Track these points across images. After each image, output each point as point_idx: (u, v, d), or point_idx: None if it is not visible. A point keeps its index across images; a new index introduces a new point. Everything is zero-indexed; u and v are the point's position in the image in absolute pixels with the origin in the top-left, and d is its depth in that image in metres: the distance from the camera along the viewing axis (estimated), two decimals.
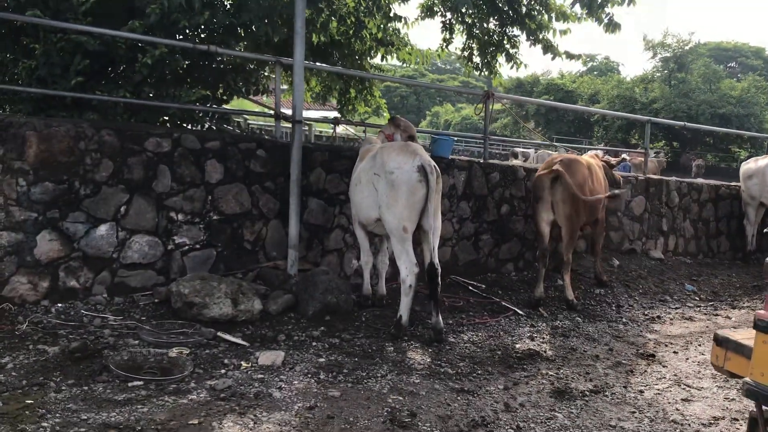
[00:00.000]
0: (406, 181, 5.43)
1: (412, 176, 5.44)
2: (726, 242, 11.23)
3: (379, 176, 5.60)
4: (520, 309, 7.01)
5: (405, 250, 5.55)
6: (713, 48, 63.13)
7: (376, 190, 5.65)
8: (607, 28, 8.09)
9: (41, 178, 5.49)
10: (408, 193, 5.44)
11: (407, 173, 5.45)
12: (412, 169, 5.45)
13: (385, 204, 5.54)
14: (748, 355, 2.73)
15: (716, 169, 33.47)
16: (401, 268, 5.59)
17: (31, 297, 5.47)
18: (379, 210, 5.65)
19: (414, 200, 5.47)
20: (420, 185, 5.45)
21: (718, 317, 7.64)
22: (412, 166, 5.46)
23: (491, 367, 5.21)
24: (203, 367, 4.64)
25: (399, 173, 5.46)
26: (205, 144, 6.34)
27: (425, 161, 5.52)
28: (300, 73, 6.54)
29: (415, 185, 5.44)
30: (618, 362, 5.62)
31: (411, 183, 5.43)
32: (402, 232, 5.51)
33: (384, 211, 5.57)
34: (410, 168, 5.46)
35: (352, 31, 9.44)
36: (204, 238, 6.35)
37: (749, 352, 2.72)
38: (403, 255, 5.56)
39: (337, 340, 5.48)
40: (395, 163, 5.52)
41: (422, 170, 5.45)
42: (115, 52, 6.70)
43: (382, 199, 5.56)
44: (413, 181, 5.44)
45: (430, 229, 5.60)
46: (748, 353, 2.73)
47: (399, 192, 5.45)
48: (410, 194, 5.45)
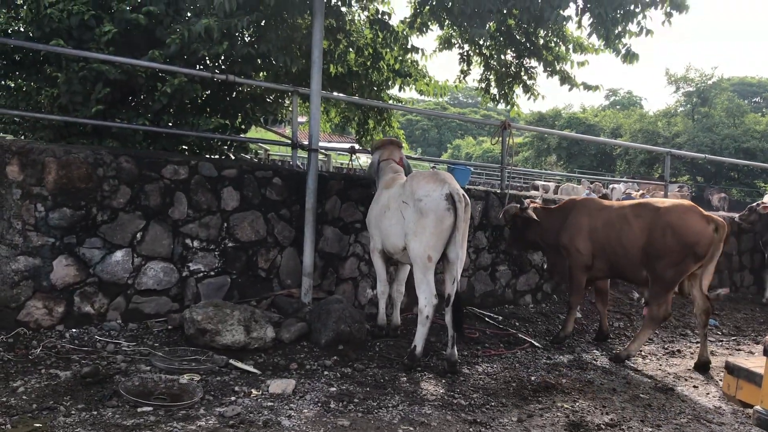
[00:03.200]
0: (434, 209, 5.39)
1: (440, 204, 5.40)
2: (749, 276, 11.03)
3: (407, 204, 5.57)
4: (537, 341, 6.91)
5: (426, 279, 5.50)
6: (737, 83, 62.82)
7: (404, 218, 5.62)
8: (625, 59, 8.06)
9: (59, 203, 5.55)
10: (436, 221, 5.39)
11: (435, 201, 5.41)
12: (440, 197, 5.41)
13: (412, 231, 5.50)
14: (760, 383, 2.64)
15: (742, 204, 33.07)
16: (420, 298, 5.53)
17: (46, 322, 5.50)
18: (405, 238, 5.61)
19: (441, 229, 5.42)
20: (448, 213, 5.40)
21: (741, 352, 7.47)
22: (441, 194, 5.42)
23: (505, 399, 5.12)
24: (213, 394, 4.61)
25: (427, 201, 5.42)
26: (222, 172, 6.39)
27: (454, 189, 5.47)
28: (316, 102, 6.60)
29: (443, 213, 5.39)
30: (636, 396, 5.50)
31: (439, 211, 5.39)
32: (426, 261, 5.46)
33: (410, 238, 5.52)
34: (438, 196, 5.42)
35: (370, 62, 9.51)
36: (219, 265, 6.36)
37: (761, 380, 2.64)
38: (423, 284, 5.51)
39: (349, 370, 5.43)
40: (424, 190, 5.48)
41: (450, 198, 5.41)
42: (136, 81, 6.82)
43: (409, 227, 5.53)
44: (441, 209, 5.39)
45: (457, 259, 5.53)
46: (760, 381, 2.65)
47: (427, 220, 5.41)
48: (438, 222, 5.40)
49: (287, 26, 7.72)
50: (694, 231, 6.16)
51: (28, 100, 7.10)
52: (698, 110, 45.10)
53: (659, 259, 6.24)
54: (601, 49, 8.82)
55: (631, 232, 6.44)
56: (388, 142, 6.79)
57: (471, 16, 7.78)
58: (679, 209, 6.33)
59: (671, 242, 6.17)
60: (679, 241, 6.15)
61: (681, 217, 6.23)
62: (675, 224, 6.19)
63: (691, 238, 6.14)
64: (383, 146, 6.69)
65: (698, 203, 24.26)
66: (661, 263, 6.24)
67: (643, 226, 6.37)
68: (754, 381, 2.75)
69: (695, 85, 46.70)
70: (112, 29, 6.56)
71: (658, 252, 6.24)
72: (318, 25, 6.48)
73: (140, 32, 6.98)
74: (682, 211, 6.30)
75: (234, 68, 7.55)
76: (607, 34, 7.71)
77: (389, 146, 6.66)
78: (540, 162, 50.46)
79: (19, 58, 7.07)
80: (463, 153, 62.73)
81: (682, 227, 6.18)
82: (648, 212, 6.43)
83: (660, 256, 6.23)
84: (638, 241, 6.38)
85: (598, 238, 6.68)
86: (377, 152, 6.64)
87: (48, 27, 6.60)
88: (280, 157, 18.99)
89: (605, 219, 6.70)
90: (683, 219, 6.22)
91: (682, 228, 6.17)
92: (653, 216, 6.34)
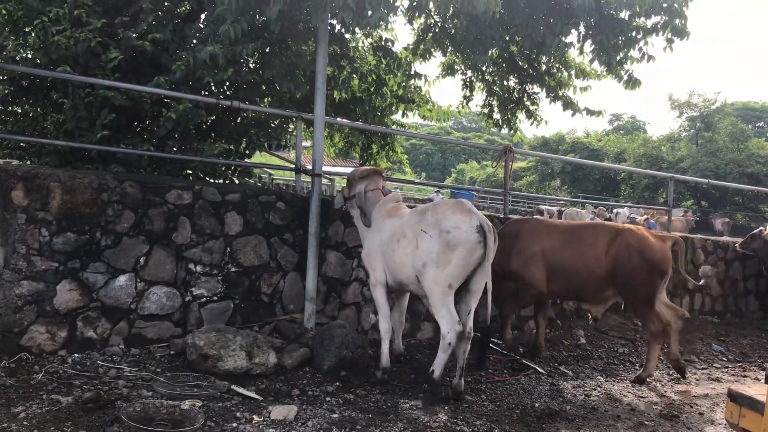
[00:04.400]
0: (465, 241, 5.21)
1: (472, 237, 5.22)
2: (755, 301, 10.97)
3: (427, 233, 5.35)
4: (541, 367, 6.87)
5: (446, 306, 5.30)
6: (740, 108, 62.95)
7: (418, 248, 5.40)
8: (627, 84, 8.13)
9: (64, 228, 5.58)
10: (466, 253, 5.22)
11: (466, 233, 5.22)
12: (471, 229, 5.23)
13: (433, 261, 5.28)
14: (763, 411, 2.62)
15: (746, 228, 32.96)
16: (442, 325, 5.33)
17: (49, 347, 5.50)
18: (420, 267, 5.38)
19: (470, 260, 5.26)
20: (479, 246, 5.24)
21: (747, 379, 7.41)
22: (471, 225, 5.25)
23: (509, 426, 5.07)
24: (215, 420, 4.59)
25: (457, 233, 5.22)
26: (226, 196, 6.42)
27: (483, 220, 5.31)
28: (320, 127, 6.64)
29: (474, 246, 5.23)
30: (640, 423, 5.45)
31: (470, 243, 5.22)
32: (446, 289, 5.28)
33: (429, 268, 5.30)
34: (469, 228, 5.24)
35: (374, 88, 9.60)
36: (222, 290, 6.37)
37: (764, 408, 2.62)
38: (443, 310, 5.30)
39: (351, 396, 5.40)
40: (452, 222, 5.27)
41: (481, 230, 5.25)
42: (141, 107, 6.90)
43: (430, 257, 5.29)
44: (473, 241, 5.22)
45: (479, 290, 5.43)
46: (763, 409, 2.63)
47: (455, 252, 5.21)
48: (468, 254, 5.23)
49: (291, 53, 7.82)
50: (656, 250, 6.57)
51: (35, 125, 7.18)
52: (702, 135, 45.18)
53: (631, 280, 6.50)
54: (603, 74, 8.89)
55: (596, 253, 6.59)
56: (372, 171, 6.44)
57: (473, 42, 7.87)
58: (636, 232, 6.72)
59: (638, 263, 6.46)
60: (645, 263, 6.47)
61: (642, 239, 6.60)
62: (639, 246, 6.52)
63: (656, 256, 6.52)
64: (369, 176, 6.33)
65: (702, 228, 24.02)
66: (633, 284, 6.52)
67: (608, 248, 6.58)
68: (756, 409, 2.73)
69: (699, 110, 46.82)
70: (118, 56, 6.65)
71: (628, 274, 6.49)
72: (322, 51, 6.55)
73: (146, 59, 7.07)
74: (640, 234, 6.70)
75: (239, 94, 7.63)
76: (609, 60, 7.78)
77: (374, 176, 6.34)
78: (544, 186, 50.53)
79: (26, 84, 7.17)
80: (467, 177, 62.85)
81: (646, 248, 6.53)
82: (609, 234, 6.67)
83: (631, 277, 6.49)
84: (604, 263, 6.55)
85: (556, 260, 6.70)
86: (362, 182, 6.28)
87: (55, 54, 6.68)
88: (284, 182, 19.08)
89: (562, 240, 6.76)
90: (645, 240, 6.60)
91: (646, 248, 6.53)
92: (616, 238, 6.60)
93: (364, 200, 6.22)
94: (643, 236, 6.64)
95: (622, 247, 6.52)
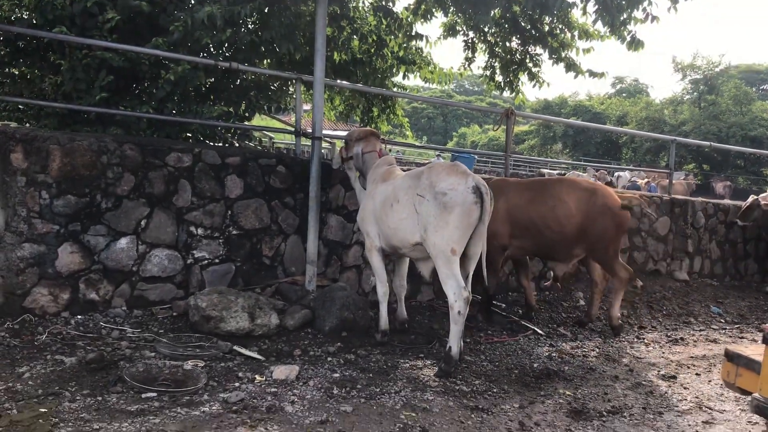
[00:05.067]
0: (461, 203, 5.13)
1: (468, 197, 5.13)
2: (754, 264, 11.01)
3: (424, 197, 5.26)
4: (540, 328, 6.93)
5: (452, 273, 5.16)
6: (744, 70, 62.29)
7: (417, 212, 5.32)
8: (630, 46, 8.04)
9: (64, 191, 5.58)
10: (462, 214, 5.13)
11: (462, 194, 5.14)
12: (467, 190, 5.15)
13: (433, 226, 5.16)
14: (759, 371, 2.65)
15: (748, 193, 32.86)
16: (448, 294, 5.20)
17: (52, 308, 5.54)
18: (422, 232, 5.28)
19: (468, 222, 5.17)
20: (475, 207, 5.15)
21: (744, 340, 7.47)
22: (467, 187, 5.16)
23: (507, 386, 5.14)
24: (217, 380, 4.64)
25: (453, 194, 5.14)
26: (226, 159, 6.40)
27: (479, 182, 5.23)
28: (320, 89, 6.59)
29: (471, 207, 5.14)
30: (638, 383, 5.51)
31: (466, 204, 5.13)
32: (450, 254, 5.14)
33: (430, 233, 5.19)
34: (464, 189, 5.15)
35: (374, 50, 9.50)
36: (223, 253, 6.38)
37: (760, 367, 2.64)
38: (450, 279, 5.16)
39: (352, 356, 5.46)
40: (447, 183, 5.19)
41: (477, 191, 5.17)
42: (139, 69, 6.84)
43: (429, 221, 5.21)
44: (469, 202, 5.13)
45: (476, 254, 5.36)
46: (759, 369, 2.65)
47: (452, 214, 5.10)
48: (464, 216, 5.14)
49: (290, 13, 7.70)
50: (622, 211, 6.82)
51: (32, 87, 7.12)
52: (705, 98, 44.88)
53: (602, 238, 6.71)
54: (606, 35, 8.80)
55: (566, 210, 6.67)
56: (369, 132, 6.41)
57: (475, 2, 7.77)
58: (606, 191, 6.92)
59: (610, 222, 6.69)
60: (615, 222, 6.72)
61: (614, 199, 6.81)
62: (612, 206, 6.71)
63: (623, 218, 6.83)
64: (366, 137, 6.31)
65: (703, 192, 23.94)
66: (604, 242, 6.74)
67: (579, 205, 6.67)
68: (753, 368, 2.75)
69: (702, 73, 46.42)
70: (115, 17, 6.57)
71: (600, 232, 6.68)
72: (321, 11, 6.45)
73: (143, 20, 6.99)
74: (611, 194, 6.91)
75: (237, 56, 7.56)
76: (612, 20, 7.68)
77: (371, 137, 6.31)
78: (546, 150, 50.38)
79: (23, 45, 7.09)
80: (469, 141, 62.56)
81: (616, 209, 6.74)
82: (582, 193, 6.76)
83: (602, 235, 6.70)
84: (574, 219, 6.64)
85: (522, 216, 6.72)
86: (359, 143, 6.26)
87: (51, 14, 6.61)
88: (284, 145, 19.02)
89: (529, 197, 6.79)
90: (614, 200, 6.80)
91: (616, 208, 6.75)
92: (590, 198, 6.73)
93: (362, 162, 6.23)
94: (612, 195, 6.86)
95: (597, 207, 6.65)
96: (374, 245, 5.90)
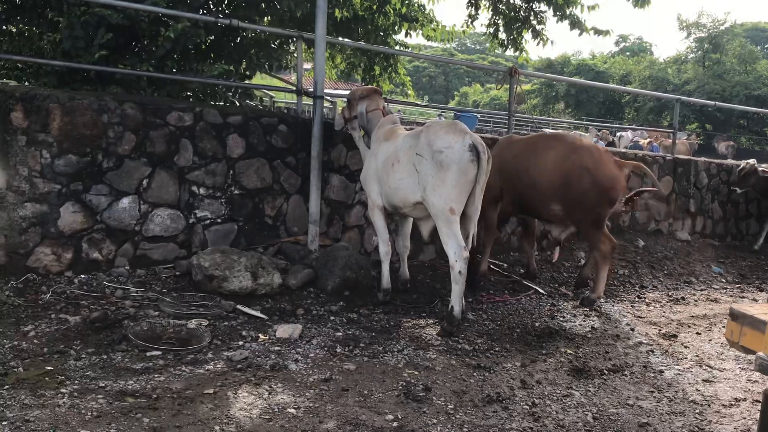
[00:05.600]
0: (457, 161, 5.09)
1: (464, 156, 5.10)
2: (755, 225, 11.00)
3: (422, 156, 5.24)
4: (542, 288, 6.96)
5: (452, 232, 5.16)
6: (750, 28, 61.56)
7: (417, 171, 5.31)
8: (636, 2, 7.92)
9: (65, 150, 5.54)
10: (458, 173, 5.10)
11: (458, 153, 5.11)
12: (463, 149, 5.11)
13: (431, 185, 5.16)
14: (764, 330, 2.66)
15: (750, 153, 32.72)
16: (449, 253, 5.21)
17: (55, 268, 5.55)
18: (422, 192, 5.28)
19: (465, 180, 5.15)
20: (471, 165, 5.12)
21: (745, 299, 7.51)
22: (463, 145, 5.13)
23: (509, 345, 5.18)
24: (221, 339, 4.68)
25: (449, 153, 5.11)
26: (227, 119, 6.35)
27: (476, 140, 5.20)
28: (321, 47, 6.50)
29: (467, 165, 5.11)
30: (639, 342, 5.55)
31: (462, 163, 5.10)
32: (449, 214, 5.14)
33: (429, 193, 5.19)
34: (461, 147, 5.12)
35: (376, 6, 9.37)
36: (225, 213, 6.38)
37: (765, 327, 2.66)
38: (450, 239, 5.16)
39: (355, 315, 5.49)
40: (444, 141, 5.14)
41: (474, 149, 5.13)
42: (139, 26, 6.75)
43: (427, 180, 5.21)
44: (465, 160, 5.10)
45: (475, 212, 5.36)
46: (764, 328, 2.67)
47: (449, 172, 5.09)
48: (461, 174, 5.11)
49: None
50: (608, 176, 6.14)
51: (31, 45, 7.04)
52: (709, 57, 44.39)
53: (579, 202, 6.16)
54: None
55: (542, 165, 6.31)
56: (372, 90, 6.31)
57: None
58: (594, 152, 6.29)
59: (589, 186, 6.09)
60: (597, 188, 6.10)
61: (598, 162, 6.17)
62: (592, 168, 6.12)
63: (606, 182, 6.12)
64: (369, 95, 6.21)
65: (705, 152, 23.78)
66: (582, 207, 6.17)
67: (556, 162, 6.24)
68: (757, 328, 2.77)
69: (707, 31, 45.83)
70: None
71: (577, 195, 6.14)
72: None
73: None
74: (597, 156, 6.24)
75: (238, 13, 7.46)
76: None
77: (374, 95, 6.22)
78: (548, 110, 50.01)
79: (20, 2, 6.97)
80: (471, 101, 62.10)
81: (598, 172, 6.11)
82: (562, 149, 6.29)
83: (579, 199, 6.15)
84: (552, 176, 6.23)
85: (508, 169, 6.50)
86: (363, 101, 6.16)
87: None
88: (285, 105, 18.87)
89: (516, 151, 6.58)
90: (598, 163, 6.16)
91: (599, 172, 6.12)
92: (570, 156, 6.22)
93: (366, 121, 6.18)
94: (599, 159, 6.20)
95: (574, 167, 6.15)
96: (376, 204, 5.90)
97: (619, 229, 9.10)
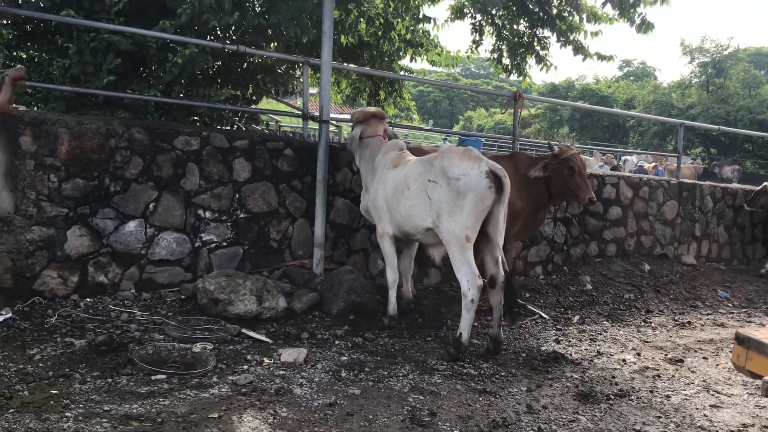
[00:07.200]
0: (474, 188, 5.09)
1: (481, 182, 5.09)
2: (762, 249, 10.98)
3: (437, 183, 5.23)
4: (547, 313, 6.94)
5: (466, 260, 5.12)
6: (753, 53, 61.79)
7: (429, 198, 5.28)
8: (640, 28, 7.98)
9: (72, 174, 5.59)
10: (475, 200, 5.09)
11: (475, 179, 5.10)
12: (480, 176, 5.11)
13: (446, 212, 5.14)
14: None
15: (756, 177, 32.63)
16: (462, 281, 5.14)
17: (61, 291, 5.57)
18: (434, 218, 5.25)
19: (482, 208, 5.13)
20: (489, 192, 5.11)
21: (752, 324, 7.47)
22: (480, 172, 5.12)
23: (515, 369, 5.16)
24: (226, 363, 4.67)
25: (466, 180, 5.09)
26: (234, 143, 6.40)
27: (493, 166, 5.19)
28: (327, 73, 6.57)
29: (484, 192, 5.10)
30: (645, 367, 5.52)
31: (479, 189, 5.09)
32: (464, 241, 5.11)
33: (444, 219, 5.16)
34: (477, 174, 5.12)
35: (381, 33, 9.46)
36: (231, 236, 6.40)
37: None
38: (464, 266, 5.13)
39: (360, 339, 5.48)
40: (460, 169, 5.15)
41: (492, 176, 5.12)
42: (147, 52, 6.81)
43: (442, 207, 5.17)
44: (482, 187, 5.09)
45: (500, 237, 5.31)
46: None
47: (465, 200, 5.08)
48: (478, 201, 5.10)
49: None
50: None
51: (40, 70, 7.10)
52: (713, 81, 44.46)
53: None
54: (615, 18, 8.73)
55: None
56: (371, 115, 6.24)
57: None
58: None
59: None
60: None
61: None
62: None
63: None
64: (366, 120, 6.18)
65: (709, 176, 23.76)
66: None
67: None
68: (763, 352, 2.75)
69: (710, 56, 45.95)
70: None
71: None
72: None
73: (150, 2, 6.95)
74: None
75: (245, 39, 7.52)
76: (622, 3, 7.63)
77: (372, 120, 6.18)
78: (552, 134, 50.09)
79: (30, 28, 7.06)
80: (475, 125, 62.27)
81: None
82: None
83: None
84: None
85: None
86: (358, 126, 6.17)
87: None
88: (291, 129, 18.99)
89: None
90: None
91: None
92: None
93: (357, 146, 6.19)
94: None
95: None
96: (386, 231, 5.87)
97: (624, 252, 9.09)
